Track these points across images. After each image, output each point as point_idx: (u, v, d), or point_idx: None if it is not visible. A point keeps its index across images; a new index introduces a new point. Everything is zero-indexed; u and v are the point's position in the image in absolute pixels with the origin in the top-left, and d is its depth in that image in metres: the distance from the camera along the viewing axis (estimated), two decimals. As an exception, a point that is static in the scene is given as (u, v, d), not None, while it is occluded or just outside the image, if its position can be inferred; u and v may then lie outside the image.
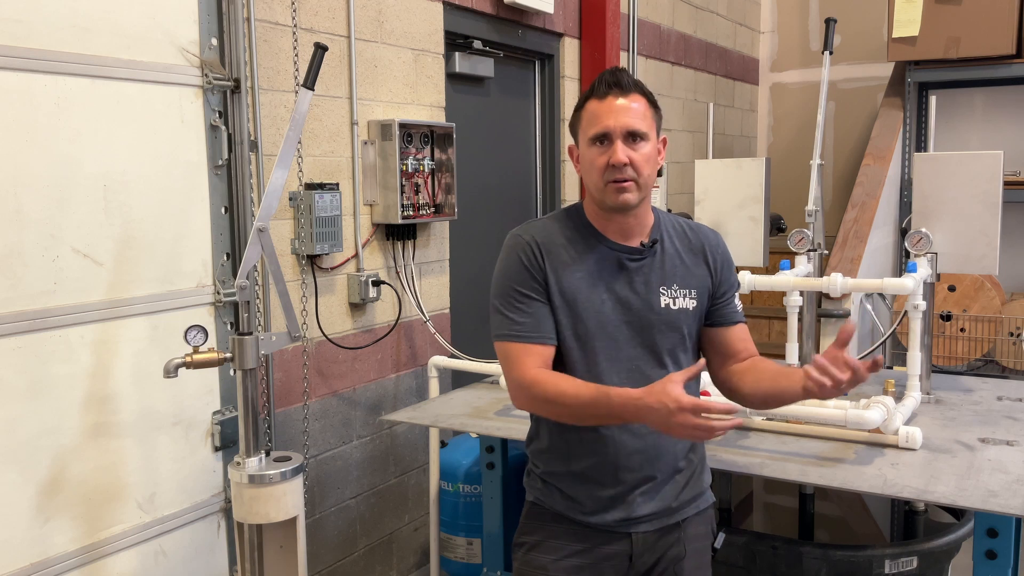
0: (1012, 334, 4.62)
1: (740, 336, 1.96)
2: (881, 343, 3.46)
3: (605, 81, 1.82)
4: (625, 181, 1.79)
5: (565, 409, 1.77)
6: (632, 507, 1.87)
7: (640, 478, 1.87)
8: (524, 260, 1.85)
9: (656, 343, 1.86)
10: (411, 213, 3.35)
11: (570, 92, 4.54)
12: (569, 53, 4.53)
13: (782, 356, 2.98)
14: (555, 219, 1.93)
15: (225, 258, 2.78)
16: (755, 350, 1.98)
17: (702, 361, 1.74)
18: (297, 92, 2.97)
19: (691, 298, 1.89)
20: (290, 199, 2.98)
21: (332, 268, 3.16)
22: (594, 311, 1.84)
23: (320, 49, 2.35)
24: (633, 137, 1.79)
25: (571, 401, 1.74)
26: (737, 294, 2.00)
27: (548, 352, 1.84)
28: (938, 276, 2.80)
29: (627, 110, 1.78)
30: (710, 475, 2.06)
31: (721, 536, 2.02)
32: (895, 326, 3.48)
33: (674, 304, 1.87)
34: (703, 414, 1.58)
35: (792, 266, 2.92)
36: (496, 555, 2.88)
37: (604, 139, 1.80)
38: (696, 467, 1.97)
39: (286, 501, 2.33)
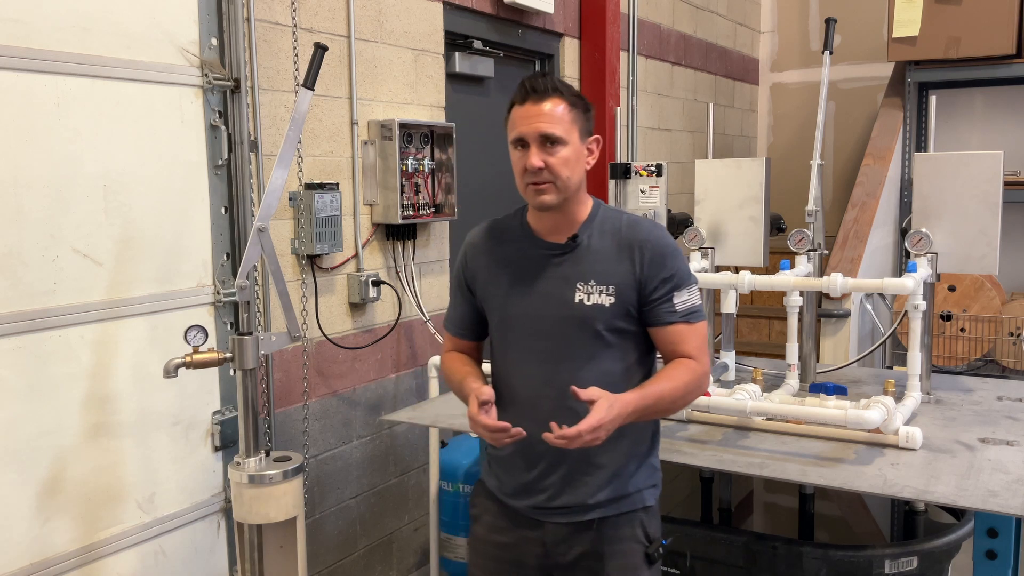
0: (1012, 334, 4.62)
1: (671, 339, 1.90)
2: (881, 343, 3.47)
3: (524, 86, 1.88)
4: (542, 183, 1.86)
5: (451, 388, 2.07)
6: (544, 497, 1.95)
7: (547, 468, 1.93)
8: (460, 262, 2.09)
9: (570, 337, 1.90)
10: (411, 213, 3.35)
11: (570, 92, 4.54)
12: (569, 53, 4.53)
13: (782, 356, 2.98)
14: (508, 217, 2.05)
15: (225, 258, 2.78)
16: (688, 351, 1.90)
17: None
18: (297, 92, 2.97)
19: (608, 294, 1.88)
20: (290, 199, 2.98)
21: (332, 268, 3.16)
22: (513, 305, 1.95)
23: (320, 49, 2.35)
24: (548, 141, 1.84)
25: (450, 382, 2.05)
26: (687, 293, 1.91)
27: (463, 344, 2.10)
28: (938, 276, 2.80)
29: (541, 115, 1.84)
30: (651, 482, 2.00)
31: (662, 544, 1.98)
32: (895, 326, 3.49)
33: (588, 299, 1.89)
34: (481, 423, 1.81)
35: (792, 266, 2.92)
36: (496, 555, 2.87)
37: (522, 143, 1.87)
38: (623, 470, 1.94)
39: (286, 501, 2.33)
